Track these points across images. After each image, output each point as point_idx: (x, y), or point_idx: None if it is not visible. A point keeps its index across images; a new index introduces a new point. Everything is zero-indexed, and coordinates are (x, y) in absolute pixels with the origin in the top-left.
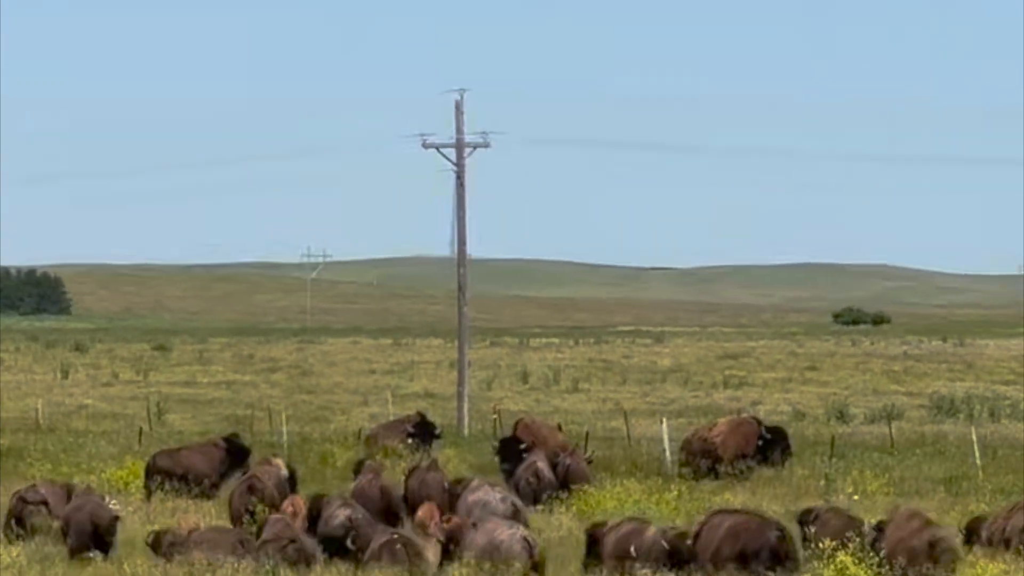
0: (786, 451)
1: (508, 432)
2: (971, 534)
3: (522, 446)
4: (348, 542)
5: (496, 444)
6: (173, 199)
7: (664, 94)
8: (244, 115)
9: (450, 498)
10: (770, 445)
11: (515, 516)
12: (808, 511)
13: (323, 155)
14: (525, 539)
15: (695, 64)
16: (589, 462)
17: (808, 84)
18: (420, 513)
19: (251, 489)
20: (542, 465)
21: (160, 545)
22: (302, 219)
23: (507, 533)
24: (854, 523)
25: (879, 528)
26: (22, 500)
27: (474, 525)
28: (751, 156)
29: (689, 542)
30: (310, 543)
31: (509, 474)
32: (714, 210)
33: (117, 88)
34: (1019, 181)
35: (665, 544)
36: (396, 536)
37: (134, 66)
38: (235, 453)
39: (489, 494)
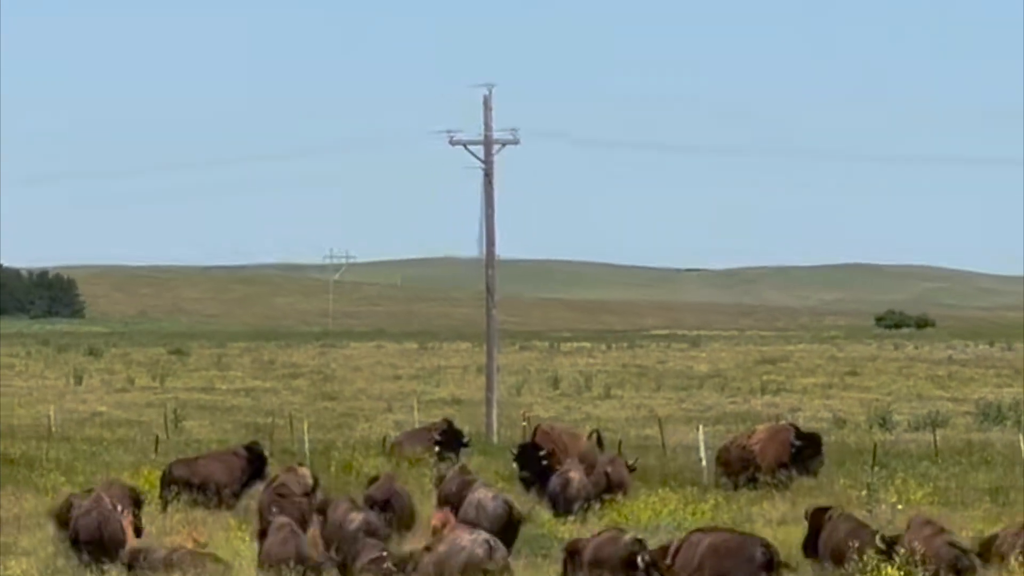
0: (815, 458)
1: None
2: (984, 555)
3: (541, 453)
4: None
5: (514, 451)
6: (191, 198)
7: (698, 93)
8: (264, 112)
9: (458, 500)
10: (801, 452)
11: (507, 516)
12: (822, 510)
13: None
14: (487, 542)
15: (730, 64)
16: (632, 470)
17: (845, 83)
18: (434, 520)
19: (280, 496)
20: (575, 474)
21: (135, 562)
22: (324, 219)
23: (468, 539)
24: (864, 531)
25: (890, 544)
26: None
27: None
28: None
29: (668, 561)
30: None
31: (528, 482)
32: (750, 210)
33: (136, 85)
34: None
35: (643, 560)
36: (385, 553)
37: (151, 62)
38: (255, 462)
39: (483, 494)
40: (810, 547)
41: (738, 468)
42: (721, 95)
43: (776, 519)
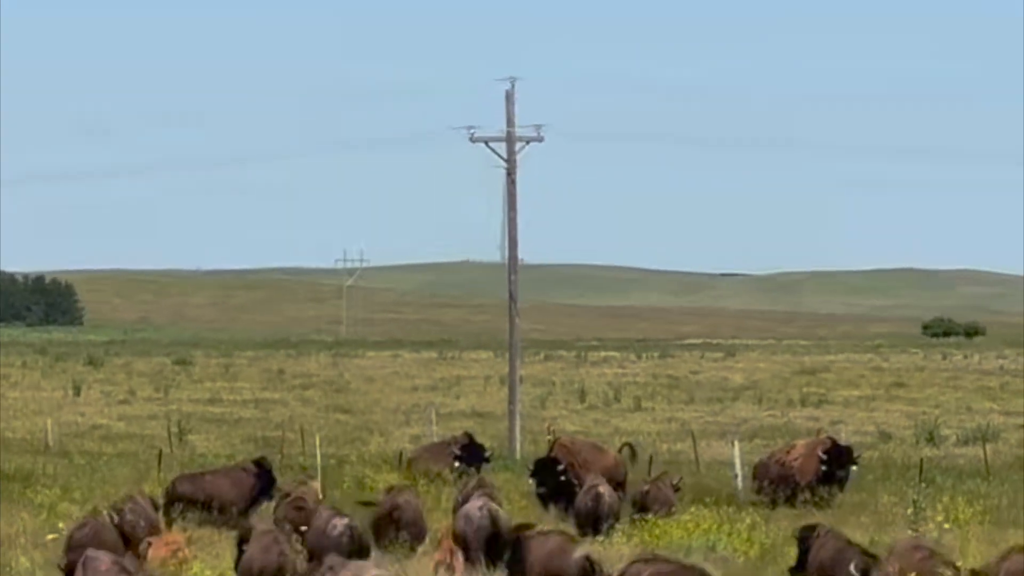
0: (841, 473)
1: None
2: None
3: (560, 467)
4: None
5: (530, 466)
6: (194, 199)
7: (737, 85)
8: (272, 108)
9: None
10: (831, 467)
11: (491, 527)
12: (810, 528)
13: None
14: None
15: (775, 55)
16: (676, 489)
17: (890, 80)
18: (437, 556)
19: (299, 509)
20: (605, 488)
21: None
22: (337, 221)
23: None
24: (850, 550)
25: (865, 571)
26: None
27: None
28: (831, 154)
29: None
30: None
31: (545, 499)
32: (792, 211)
33: (137, 81)
34: None
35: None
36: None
37: (153, 58)
38: (263, 478)
39: (472, 504)
40: (799, 567)
41: (776, 485)
42: (764, 88)
43: None
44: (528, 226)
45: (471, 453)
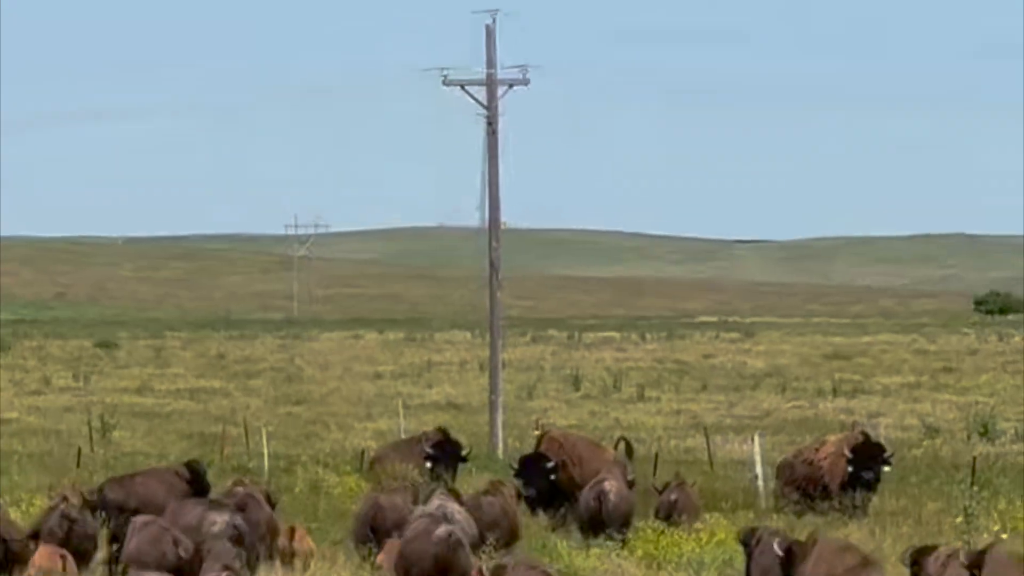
0: (863, 477)
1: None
2: (916, 567)
3: (549, 465)
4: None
5: (515, 466)
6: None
7: (753, 24)
8: (210, 49)
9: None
10: (857, 467)
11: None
12: (752, 530)
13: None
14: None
15: None
16: None
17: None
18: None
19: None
20: (610, 485)
21: None
22: (287, 179)
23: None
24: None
25: (788, 552)
26: None
27: None
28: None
29: None
30: None
31: (533, 502)
32: (820, 168)
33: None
34: None
35: None
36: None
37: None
38: (196, 484)
39: (423, 507)
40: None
41: (803, 488)
42: (790, 29)
43: None
44: (512, 185)
45: (446, 451)
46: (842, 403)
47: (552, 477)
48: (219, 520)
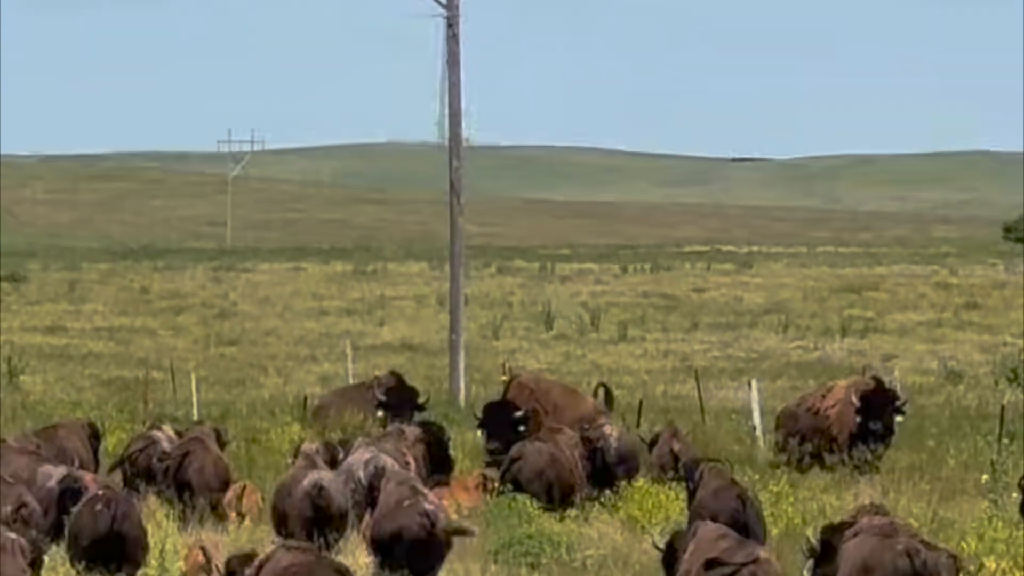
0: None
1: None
2: (827, 548)
3: (517, 414)
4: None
5: (479, 415)
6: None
7: None
8: None
9: (331, 465)
10: (866, 417)
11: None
12: (694, 462)
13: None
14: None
15: None
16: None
17: None
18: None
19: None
20: (611, 428)
21: None
22: (219, 91)
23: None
24: (728, 492)
25: (669, 545)
26: None
27: None
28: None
29: (251, 572)
30: None
31: (497, 456)
32: (824, 80)
33: None
34: None
35: None
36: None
37: None
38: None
39: (358, 457)
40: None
41: (807, 441)
42: None
43: None
44: (476, 96)
45: (400, 399)
46: (852, 344)
47: (521, 428)
48: (55, 473)
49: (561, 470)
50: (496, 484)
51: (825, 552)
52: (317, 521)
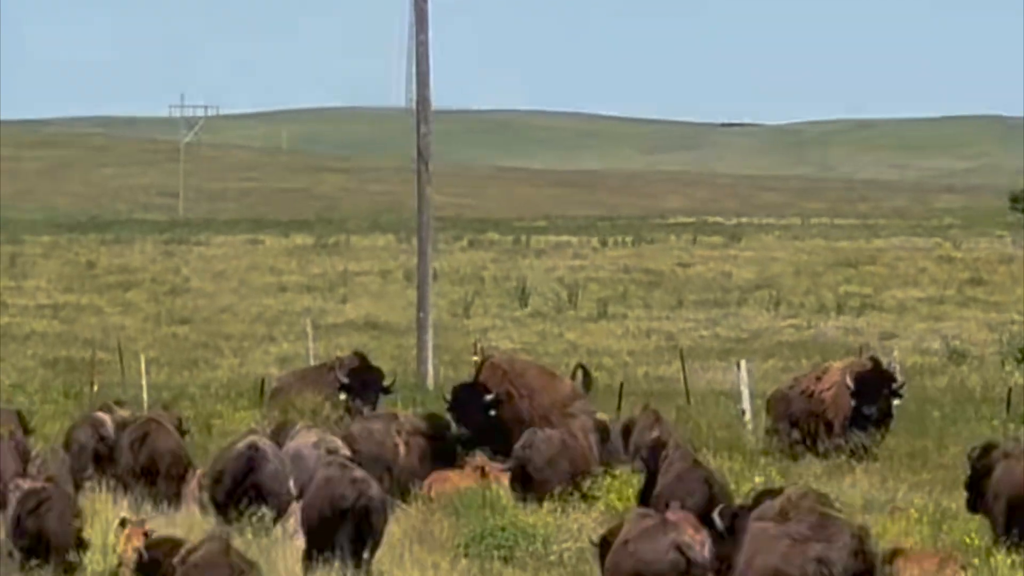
0: (865, 412)
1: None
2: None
3: (488, 398)
4: None
5: (448, 397)
6: None
7: None
8: None
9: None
10: (861, 400)
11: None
12: (660, 444)
13: None
14: None
15: None
16: None
17: None
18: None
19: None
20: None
21: None
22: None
23: None
24: (693, 474)
25: (603, 541)
26: None
27: None
28: None
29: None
30: None
31: (468, 442)
32: (819, 39)
33: None
34: None
35: None
36: None
37: None
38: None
39: (304, 440)
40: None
41: (801, 426)
42: None
43: (859, 505)
44: (446, 58)
45: (364, 381)
46: (848, 322)
47: (492, 413)
48: None
49: (575, 456)
50: (489, 470)
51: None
52: (248, 485)
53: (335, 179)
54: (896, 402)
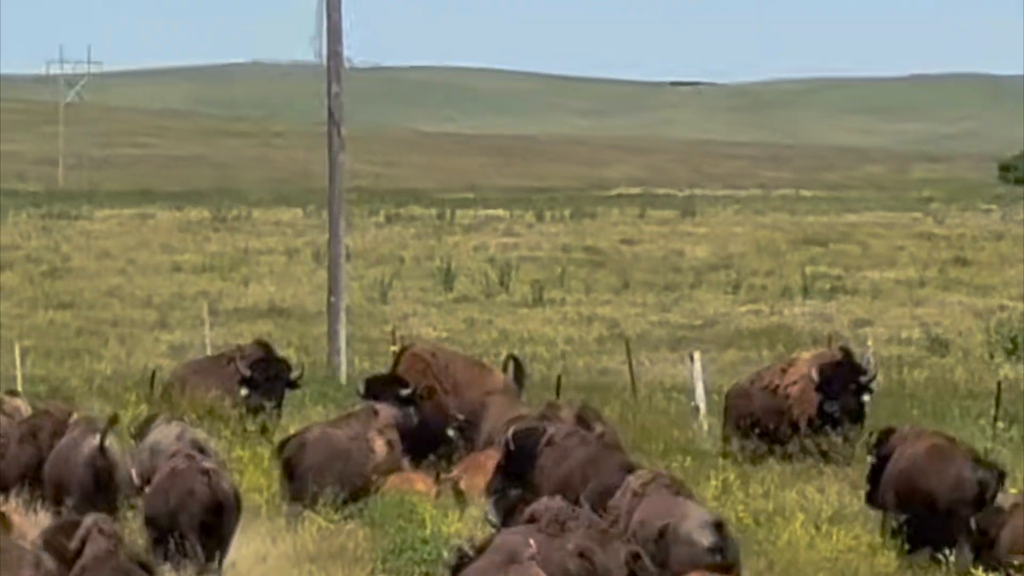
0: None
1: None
2: None
3: (406, 391)
4: None
5: (361, 389)
6: None
7: None
8: None
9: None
10: (826, 395)
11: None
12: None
13: None
14: None
15: None
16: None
17: None
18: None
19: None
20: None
21: None
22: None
23: None
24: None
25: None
26: None
27: None
28: None
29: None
30: None
31: None
32: None
33: None
34: None
35: None
36: None
37: None
38: None
39: (167, 432)
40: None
41: (763, 425)
42: None
43: (827, 515)
44: (361, 8)
45: (267, 374)
46: (816, 307)
47: (410, 409)
48: None
49: None
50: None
51: None
52: (100, 490)
53: (234, 144)
54: (866, 398)
